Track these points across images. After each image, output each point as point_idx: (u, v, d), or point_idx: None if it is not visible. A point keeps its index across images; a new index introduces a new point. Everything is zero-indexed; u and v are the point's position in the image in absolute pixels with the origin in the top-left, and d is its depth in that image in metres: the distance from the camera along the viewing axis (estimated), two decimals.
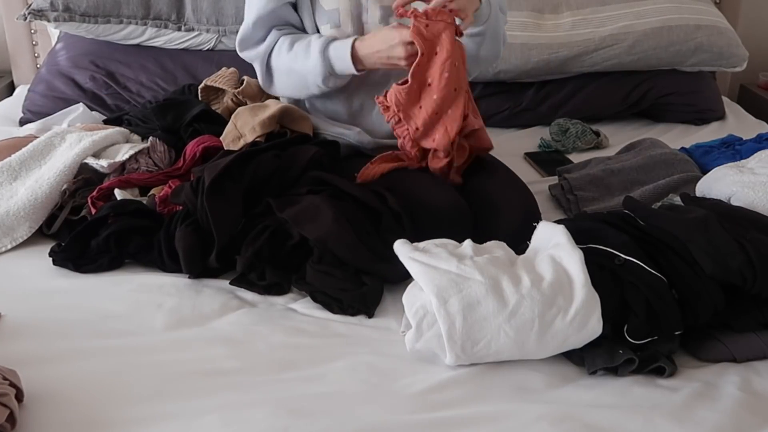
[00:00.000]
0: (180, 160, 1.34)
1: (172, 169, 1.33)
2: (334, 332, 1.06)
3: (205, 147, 1.32)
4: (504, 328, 0.94)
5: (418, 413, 0.89)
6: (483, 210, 1.26)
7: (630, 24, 1.89)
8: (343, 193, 1.21)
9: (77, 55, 1.82)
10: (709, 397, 0.92)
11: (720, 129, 1.88)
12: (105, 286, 1.15)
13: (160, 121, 1.40)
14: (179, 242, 1.15)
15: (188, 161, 1.32)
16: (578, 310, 0.94)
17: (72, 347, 1.00)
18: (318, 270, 1.12)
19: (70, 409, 0.88)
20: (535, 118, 1.92)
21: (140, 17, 1.79)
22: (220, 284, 1.16)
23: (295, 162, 1.25)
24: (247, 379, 0.95)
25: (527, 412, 0.89)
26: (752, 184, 1.25)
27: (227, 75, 1.56)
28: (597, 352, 0.97)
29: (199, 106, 1.44)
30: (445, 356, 0.96)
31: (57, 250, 1.20)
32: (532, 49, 1.86)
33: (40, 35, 2.06)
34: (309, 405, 0.90)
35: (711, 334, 1.02)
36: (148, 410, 0.88)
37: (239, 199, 1.20)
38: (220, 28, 1.82)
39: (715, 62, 1.94)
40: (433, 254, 1.01)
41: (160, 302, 1.10)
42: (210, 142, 1.34)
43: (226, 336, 1.04)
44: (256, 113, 1.34)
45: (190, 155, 1.33)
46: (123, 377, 0.94)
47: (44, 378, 0.91)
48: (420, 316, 0.97)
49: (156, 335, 1.03)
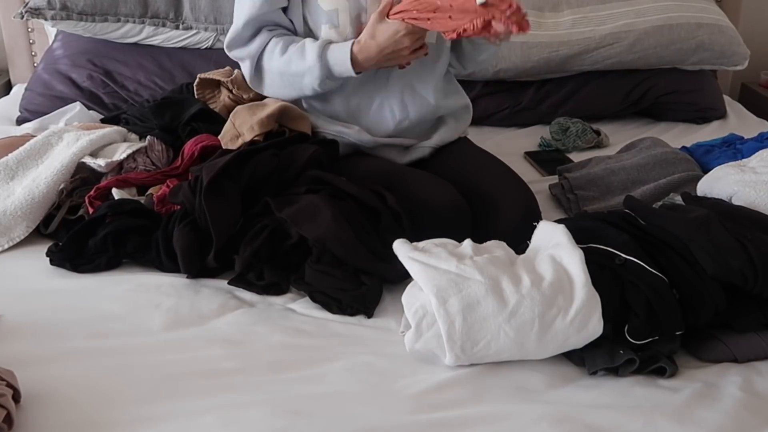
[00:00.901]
0: (178, 160, 1.34)
1: (170, 169, 1.33)
2: (333, 332, 1.06)
3: (203, 146, 1.32)
4: (504, 329, 0.93)
5: (417, 414, 0.89)
6: (482, 209, 1.26)
7: (630, 22, 1.89)
8: (342, 192, 1.21)
9: (74, 54, 1.82)
10: (710, 397, 0.92)
11: (721, 128, 1.88)
12: (103, 286, 1.14)
13: (158, 120, 1.40)
14: (177, 242, 1.14)
15: (186, 161, 1.32)
16: (579, 311, 0.94)
17: (69, 347, 0.99)
18: (317, 270, 1.12)
19: (68, 410, 0.87)
20: (535, 117, 1.91)
21: (138, 16, 1.78)
22: (219, 284, 1.16)
23: (294, 161, 1.24)
24: (245, 379, 0.94)
25: (527, 413, 0.89)
26: (753, 183, 1.24)
27: (222, 72, 1.56)
28: (597, 353, 0.97)
29: (197, 105, 1.44)
30: (445, 357, 0.96)
31: (54, 250, 1.19)
32: (533, 47, 1.85)
33: (37, 34, 2.05)
34: (308, 405, 0.89)
35: (712, 335, 1.02)
36: (146, 411, 0.88)
37: (237, 198, 1.19)
38: (218, 26, 1.82)
39: (716, 61, 1.93)
40: (433, 254, 1.00)
41: (158, 302, 1.09)
42: (208, 142, 1.33)
43: (225, 336, 1.03)
44: (254, 112, 1.34)
45: (188, 155, 1.32)
46: (121, 378, 0.94)
47: (41, 378, 0.91)
48: (419, 317, 0.96)
49: (154, 335, 1.03)
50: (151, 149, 1.36)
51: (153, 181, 1.31)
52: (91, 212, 1.23)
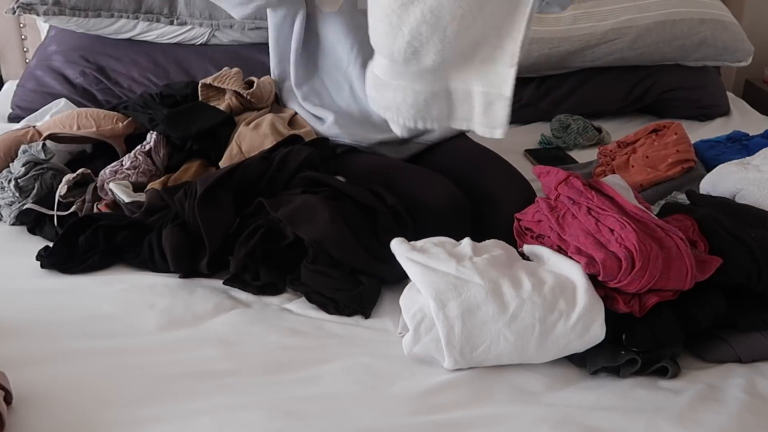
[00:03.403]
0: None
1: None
2: (330, 333, 1.05)
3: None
4: (504, 333, 0.92)
5: (415, 416, 0.88)
6: (482, 206, 1.24)
7: (632, 18, 1.87)
8: (340, 192, 1.19)
9: (67, 50, 1.80)
10: (713, 399, 0.91)
11: (725, 125, 1.86)
12: (96, 286, 1.13)
13: (173, 132, 1.35)
14: (166, 240, 1.13)
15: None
16: (581, 316, 0.92)
17: (62, 348, 0.98)
18: (313, 270, 1.10)
19: (60, 412, 0.86)
20: (535, 114, 1.89)
21: (131, 11, 1.76)
22: (214, 284, 1.14)
23: (287, 163, 1.23)
24: (240, 381, 0.93)
25: (527, 415, 0.88)
26: (758, 181, 1.23)
27: (232, 75, 1.52)
28: (598, 352, 0.96)
29: (206, 118, 1.38)
30: (444, 361, 0.94)
31: (44, 254, 1.17)
32: (533, 43, 1.83)
33: (29, 29, 2.03)
34: (304, 407, 0.88)
35: (716, 334, 1.00)
36: (140, 413, 0.87)
37: (230, 205, 1.18)
38: (213, 22, 1.80)
39: (719, 57, 1.91)
40: (432, 254, 0.99)
41: (152, 302, 1.08)
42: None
43: (220, 337, 1.02)
44: (262, 140, 1.30)
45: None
46: (114, 379, 0.92)
47: (34, 380, 0.90)
48: (418, 320, 0.95)
49: (148, 336, 1.02)
50: (155, 151, 1.34)
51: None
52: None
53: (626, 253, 0.92)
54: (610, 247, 0.95)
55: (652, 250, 0.93)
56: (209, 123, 1.37)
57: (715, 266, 0.97)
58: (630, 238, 0.93)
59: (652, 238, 0.95)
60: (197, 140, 1.35)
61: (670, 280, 0.94)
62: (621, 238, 0.94)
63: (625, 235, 0.94)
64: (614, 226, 0.96)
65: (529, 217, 1.08)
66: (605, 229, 0.97)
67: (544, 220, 1.05)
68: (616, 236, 0.95)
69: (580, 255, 0.96)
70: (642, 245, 0.92)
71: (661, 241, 0.95)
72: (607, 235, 0.96)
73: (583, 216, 1.00)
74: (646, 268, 0.92)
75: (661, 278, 0.93)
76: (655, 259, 0.92)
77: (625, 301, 0.95)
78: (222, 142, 1.37)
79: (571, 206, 1.03)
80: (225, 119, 1.40)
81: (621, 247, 0.93)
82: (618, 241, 0.94)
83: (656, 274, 0.92)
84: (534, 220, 1.07)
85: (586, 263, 0.95)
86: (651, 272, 0.92)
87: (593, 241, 0.96)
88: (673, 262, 0.94)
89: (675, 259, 0.94)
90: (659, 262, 0.92)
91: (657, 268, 0.92)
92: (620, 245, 0.93)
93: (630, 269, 0.92)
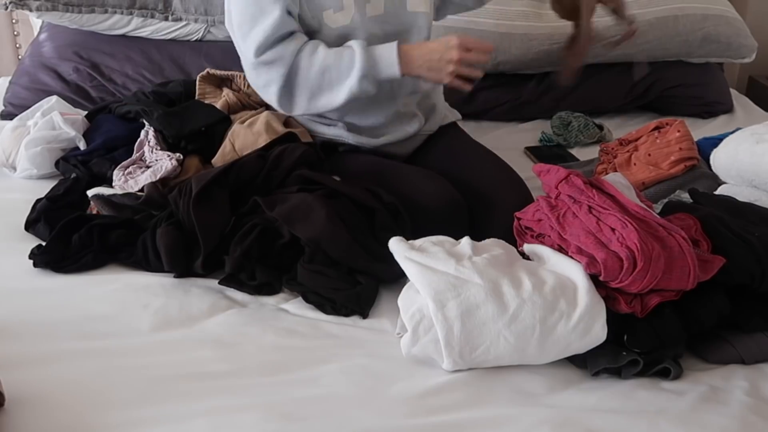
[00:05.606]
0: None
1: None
2: (327, 333, 1.04)
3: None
4: (504, 334, 0.91)
5: (414, 417, 0.87)
6: (479, 206, 1.23)
7: (635, 13, 1.85)
8: (336, 191, 1.18)
9: (61, 46, 1.78)
10: (716, 401, 0.90)
11: (728, 122, 1.85)
12: (90, 286, 1.12)
13: (168, 131, 1.34)
14: (161, 239, 1.12)
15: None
16: (582, 316, 0.91)
17: (55, 349, 0.97)
18: (310, 269, 1.09)
19: (54, 414, 0.86)
20: (536, 111, 1.88)
21: (126, 6, 1.75)
22: (209, 284, 1.13)
23: (282, 161, 1.22)
24: (236, 382, 0.92)
25: (528, 417, 0.87)
26: None
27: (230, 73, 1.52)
28: (600, 353, 0.95)
29: (201, 117, 1.37)
30: (443, 362, 0.93)
31: (37, 252, 1.16)
32: (533, 39, 1.82)
33: (22, 25, 2.02)
34: (301, 409, 0.88)
35: (719, 335, 1.00)
36: (134, 414, 0.86)
37: (226, 205, 1.17)
38: (209, 18, 1.78)
39: (723, 53, 1.90)
40: (431, 254, 0.97)
41: (146, 302, 1.07)
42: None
43: (215, 337, 1.01)
44: (256, 138, 1.29)
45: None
46: (108, 380, 0.92)
47: (26, 381, 0.89)
48: (416, 321, 0.94)
49: (142, 337, 1.01)
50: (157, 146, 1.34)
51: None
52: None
53: (628, 253, 0.91)
54: (611, 246, 0.93)
55: (654, 250, 0.91)
56: (203, 122, 1.36)
57: (718, 266, 0.96)
58: (632, 238, 0.92)
59: (654, 237, 0.94)
60: (191, 140, 1.34)
61: (672, 280, 0.92)
62: (622, 237, 0.93)
63: (627, 235, 0.92)
64: (616, 226, 0.95)
65: (529, 216, 1.07)
66: (607, 228, 0.95)
67: (544, 219, 1.03)
68: (617, 236, 0.94)
69: (581, 254, 0.95)
70: (644, 245, 0.91)
71: (663, 240, 0.94)
72: (609, 234, 0.95)
73: (584, 215, 0.99)
74: (648, 268, 0.90)
75: (663, 278, 0.91)
76: (657, 259, 0.91)
77: (627, 301, 0.93)
78: (217, 140, 1.36)
79: (572, 205, 1.01)
80: (221, 118, 1.39)
81: (622, 246, 0.92)
82: (619, 241, 0.93)
83: (658, 274, 0.91)
84: (534, 219, 1.06)
85: (587, 263, 0.94)
86: (653, 272, 0.91)
87: (594, 240, 0.95)
88: (675, 261, 0.92)
89: (677, 258, 0.93)
90: (661, 262, 0.91)
91: (659, 267, 0.91)
92: (622, 245, 0.92)
93: (632, 269, 0.91)
